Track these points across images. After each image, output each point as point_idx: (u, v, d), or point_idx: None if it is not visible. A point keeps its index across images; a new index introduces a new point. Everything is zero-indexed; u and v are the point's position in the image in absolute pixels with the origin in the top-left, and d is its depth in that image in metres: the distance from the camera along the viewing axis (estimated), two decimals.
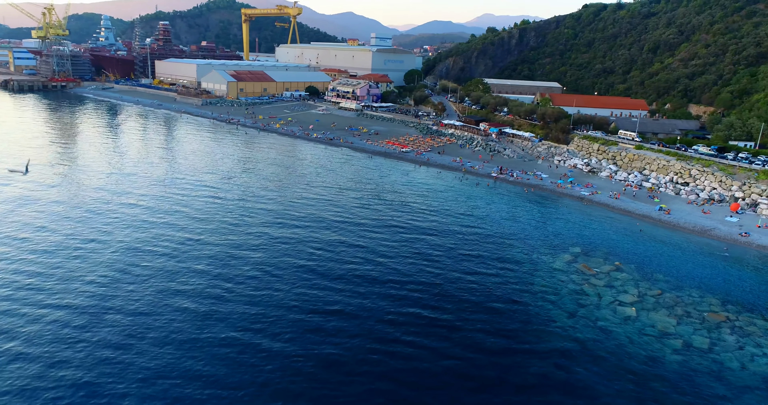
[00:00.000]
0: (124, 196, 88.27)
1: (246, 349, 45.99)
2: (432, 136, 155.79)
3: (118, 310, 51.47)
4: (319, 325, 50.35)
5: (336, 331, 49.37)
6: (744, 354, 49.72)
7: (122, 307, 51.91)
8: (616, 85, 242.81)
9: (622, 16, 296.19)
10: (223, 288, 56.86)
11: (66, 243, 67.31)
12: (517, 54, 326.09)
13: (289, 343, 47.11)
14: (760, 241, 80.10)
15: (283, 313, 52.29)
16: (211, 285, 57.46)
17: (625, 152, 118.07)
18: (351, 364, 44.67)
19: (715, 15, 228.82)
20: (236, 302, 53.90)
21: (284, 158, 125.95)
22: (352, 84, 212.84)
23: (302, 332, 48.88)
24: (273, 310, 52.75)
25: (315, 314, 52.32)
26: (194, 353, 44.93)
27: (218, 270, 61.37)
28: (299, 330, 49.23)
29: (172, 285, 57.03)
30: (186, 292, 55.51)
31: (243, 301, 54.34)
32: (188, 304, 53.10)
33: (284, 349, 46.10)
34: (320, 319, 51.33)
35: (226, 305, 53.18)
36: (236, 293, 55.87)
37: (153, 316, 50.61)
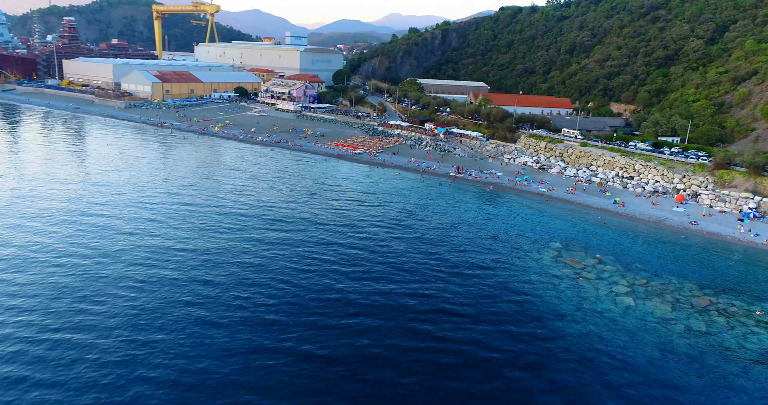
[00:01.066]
0: (101, 207, 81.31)
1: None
2: (380, 137, 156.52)
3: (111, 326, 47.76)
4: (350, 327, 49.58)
5: (363, 334, 48.83)
6: (737, 333, 54.84)
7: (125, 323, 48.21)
8: (538, 84, 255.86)
9: (537, 19, 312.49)
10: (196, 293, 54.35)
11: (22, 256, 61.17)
12: (441, 54, 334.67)
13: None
14: (708, 228, 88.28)
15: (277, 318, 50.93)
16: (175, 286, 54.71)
17: (571, 149, 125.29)
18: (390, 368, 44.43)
19: (623, 19, 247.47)
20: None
21: (238, 162, 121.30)
22: (287, 85, 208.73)
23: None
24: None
25: (345, 317, 51.36)
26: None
27: (196, 273, 58.48)
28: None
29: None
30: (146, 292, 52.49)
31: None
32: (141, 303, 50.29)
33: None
34: (352, 322, 50.52)
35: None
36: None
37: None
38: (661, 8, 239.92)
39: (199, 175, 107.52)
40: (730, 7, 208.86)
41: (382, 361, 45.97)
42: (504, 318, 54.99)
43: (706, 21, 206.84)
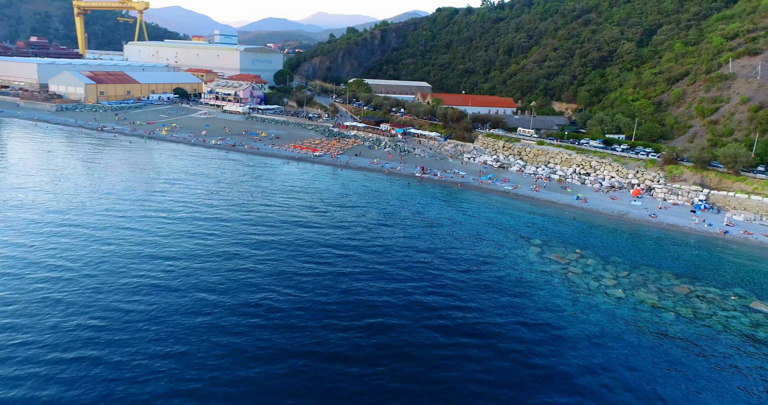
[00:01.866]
0: (72, 216, 75.49)
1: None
2: (337, 139, 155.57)
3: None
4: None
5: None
6: (720, 318, 59.17)
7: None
8: (479, 84, 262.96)
9: (474, 20, 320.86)
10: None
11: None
12: (381, 54, 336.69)
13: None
14: (667, 220, 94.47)
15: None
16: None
17: (529, 148, 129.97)
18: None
19: (557, 22, 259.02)
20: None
21: (199, 167, 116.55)
22: (233, 86, 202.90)
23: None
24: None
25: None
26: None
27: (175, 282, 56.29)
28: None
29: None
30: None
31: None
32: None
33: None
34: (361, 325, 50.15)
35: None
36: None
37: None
38: (591, 12, 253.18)
39: (163, 181, 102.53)
40: (655, 11, 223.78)
41: (410, 359, 46.08)
42: (512, 312, 56.52)
43: (634, 24, 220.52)
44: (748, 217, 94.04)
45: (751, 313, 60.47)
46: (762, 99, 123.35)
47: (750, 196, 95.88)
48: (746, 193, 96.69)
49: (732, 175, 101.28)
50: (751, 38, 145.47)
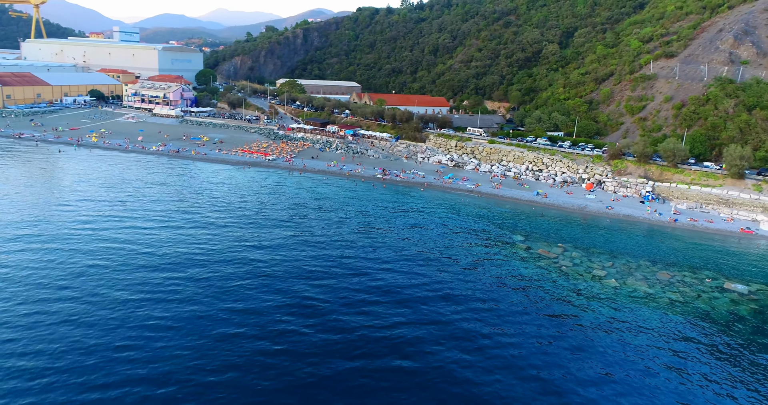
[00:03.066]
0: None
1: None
2: (284, 142, 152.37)
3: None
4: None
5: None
6: (704, 299, 65.34)
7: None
8: (408, 84, 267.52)
9: (396, 20, 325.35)
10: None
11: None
12: (304, 54, 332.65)
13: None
14: (623, 211, 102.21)
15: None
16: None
17: (482, 146, 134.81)
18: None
19: (479, 23, 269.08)
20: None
21: (151, 176, 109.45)
22: (161, 87, 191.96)
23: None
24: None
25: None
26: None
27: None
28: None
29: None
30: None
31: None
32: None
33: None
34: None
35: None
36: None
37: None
38: (511, 14, 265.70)
39: (124, 192, 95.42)
40: (570, 15, 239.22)
41: (419, 355, 47.01)
42: (527, 307, 59.02)
43: (552, 27, 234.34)
44: (690, 206, 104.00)
45: (727, 293, 67.29)
46: (683, 97, 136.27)
47: (690, 186, 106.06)
48: (686, 184, 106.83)
49: (671, 167, 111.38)
50: (666, 42, 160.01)
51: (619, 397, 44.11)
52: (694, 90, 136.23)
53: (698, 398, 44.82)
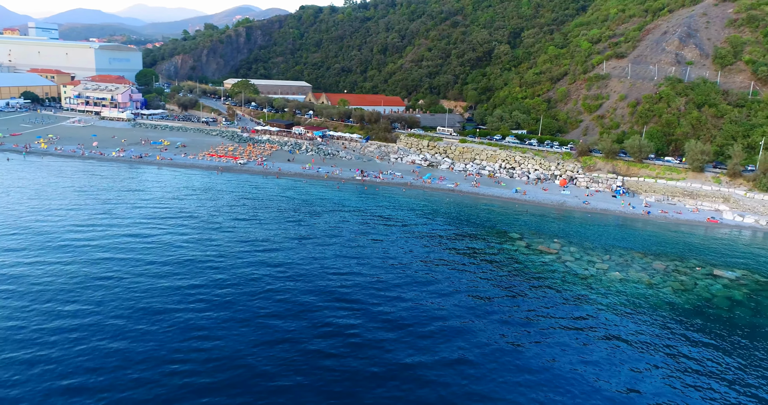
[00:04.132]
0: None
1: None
2: (251, 144, 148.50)
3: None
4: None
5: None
6: (702, 287, 69.98)
7: None
8: (359, 83, 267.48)
9: (341, 19, 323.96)
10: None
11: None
12: (248, 53, 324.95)
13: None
14: (599, 206, 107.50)
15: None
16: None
17: (454, 146, 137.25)
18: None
19: (427, 23, 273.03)
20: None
21: (123, 183, 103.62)
22: (108, 89, 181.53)
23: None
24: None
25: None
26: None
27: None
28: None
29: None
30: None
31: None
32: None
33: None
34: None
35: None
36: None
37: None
38: (458, 14, 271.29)
39: (103, 201, 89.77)
40: (516, 16, 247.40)
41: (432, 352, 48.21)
42: (550, 299, 61.19)
43: (500, 27, 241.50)
44: (658, 198, 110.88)
45: (719, 280, 72.49)
46: (636, 96, 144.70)
47: (656, 180, 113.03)
48: (653, 178, 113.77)
49: (637, 163, 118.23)
50: (614, 43, 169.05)
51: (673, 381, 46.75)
52: (646, 89, 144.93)
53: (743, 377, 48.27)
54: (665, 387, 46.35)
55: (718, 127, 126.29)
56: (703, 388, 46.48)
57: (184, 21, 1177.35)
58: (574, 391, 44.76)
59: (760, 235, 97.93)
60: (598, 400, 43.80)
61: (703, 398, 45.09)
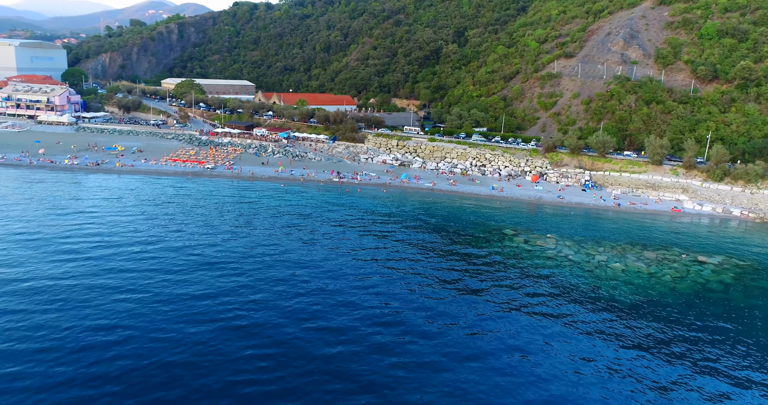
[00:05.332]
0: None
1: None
2: (213, 148, 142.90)
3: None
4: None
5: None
6: (694, 273, 75.41)
7: None
8: (305, 82, 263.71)
9: (278, 16, 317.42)
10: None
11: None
12: (181, 50, 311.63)
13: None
14: (573, 200, 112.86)
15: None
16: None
17: (424, 145, 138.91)
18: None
19: (370, 21, 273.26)
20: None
21: (86, 193, 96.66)
22: (43, 90, 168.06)
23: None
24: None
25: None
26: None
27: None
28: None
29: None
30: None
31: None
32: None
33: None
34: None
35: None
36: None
37: None
38: (399, 13, 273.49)
39: (72, 211, 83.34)
40: (458, 15, 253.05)
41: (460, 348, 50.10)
42: (576, 294, 63.99)
43: (443, 27, 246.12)
44: (624, 191, 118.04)
45: (706, 266, 78.52)
46: (588, 94, 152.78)
47: (621, 173, 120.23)
48: (617, 172, 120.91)
49: (601, 157, 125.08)
50: (561, 43, 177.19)
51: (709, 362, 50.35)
52: (597, 87, 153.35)
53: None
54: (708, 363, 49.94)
55: (666, 122, 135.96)
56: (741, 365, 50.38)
57: (90, 15, 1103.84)
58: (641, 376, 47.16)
59: (717, 221, 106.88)
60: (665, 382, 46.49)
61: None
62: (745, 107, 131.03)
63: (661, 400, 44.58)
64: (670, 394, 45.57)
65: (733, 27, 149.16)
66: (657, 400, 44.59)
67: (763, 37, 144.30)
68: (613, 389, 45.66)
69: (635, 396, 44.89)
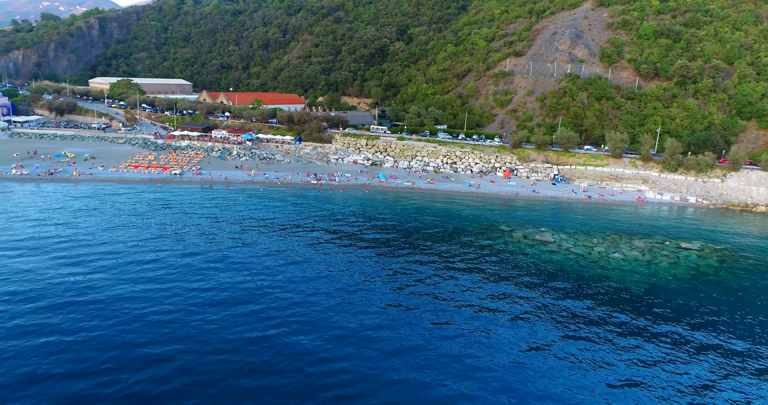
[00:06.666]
0: None
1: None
2: (172, 151, 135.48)
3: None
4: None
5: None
6: (682, 258, 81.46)
7: None
8: (244, 80, 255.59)
9: (208, 12, 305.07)
10: None
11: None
12: (104, 47, 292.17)
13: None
14: (547, 193, 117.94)
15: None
16: None
17: (394, 144, 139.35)
18: None
19: (309, 18, 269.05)
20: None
21: (57, 206, 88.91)
22: None
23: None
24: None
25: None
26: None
27: None
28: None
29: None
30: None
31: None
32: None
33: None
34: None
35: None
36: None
37: None
38: (339, 10, 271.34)
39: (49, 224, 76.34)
40: (399, 13, 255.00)
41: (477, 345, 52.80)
42: (593, 288, 67.35)
43: (385, 25, 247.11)
44: (590, 183, 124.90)
45: (689, 252, 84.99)
46: (542, 91, 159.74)
47: (586, 167, 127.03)
48: (582, 165, 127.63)
49: (565, 152, 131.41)
50: (509, 42, 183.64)
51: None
52: (549, 84, 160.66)
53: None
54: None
55: (618, 117, 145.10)
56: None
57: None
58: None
59: (676, 209, 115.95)
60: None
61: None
62: (685, 103, 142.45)
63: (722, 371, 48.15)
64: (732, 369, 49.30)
65: (668, 28, 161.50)
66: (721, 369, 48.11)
67: (695, 37, 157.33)
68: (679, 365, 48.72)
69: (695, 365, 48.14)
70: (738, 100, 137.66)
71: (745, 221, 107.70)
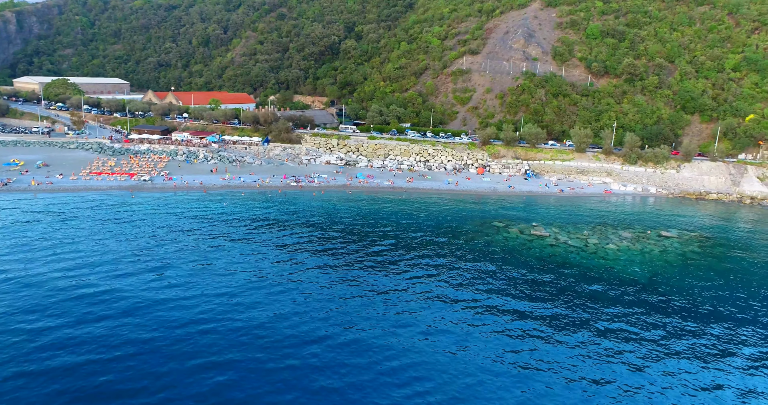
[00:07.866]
0: None
1: None
2: (134, 156, 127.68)
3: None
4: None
5: None
6: (668, 246, 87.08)
7: None
8: (186, 79, 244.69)
9: (139, 6, 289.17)
10: None
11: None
12: (22, 44, 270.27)
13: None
14: (523, 188, 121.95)
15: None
16: None
17: (366, 143, 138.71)
18: None
19: (251, 15, 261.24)
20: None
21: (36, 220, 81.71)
22: None
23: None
24: None
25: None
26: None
27: None
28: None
29: None
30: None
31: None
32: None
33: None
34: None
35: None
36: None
37: None
38: (281, 6, 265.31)
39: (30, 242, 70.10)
40: (344, 10, 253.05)
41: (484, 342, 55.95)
42: (604, 278, 70.72)
43: (332, 22, 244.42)
44: (559, 177, 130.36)
45: (672, 239, 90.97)
46: (501, 88, 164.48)
47: (554, 162, 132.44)
48: (551, 160, 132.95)
49: (533, 148, 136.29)
50: (463, 40, 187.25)
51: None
52: (506, 82, 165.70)
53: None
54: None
55: (575, 113, 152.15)
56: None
57: None
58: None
59: (639, 199, 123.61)
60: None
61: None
62: (635, 99, 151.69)
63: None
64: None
65: (612, 28, 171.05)
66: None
67: (638, 37, 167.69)
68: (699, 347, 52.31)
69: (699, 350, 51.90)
70: (681, 96, 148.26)
71: (703, 208, 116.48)
